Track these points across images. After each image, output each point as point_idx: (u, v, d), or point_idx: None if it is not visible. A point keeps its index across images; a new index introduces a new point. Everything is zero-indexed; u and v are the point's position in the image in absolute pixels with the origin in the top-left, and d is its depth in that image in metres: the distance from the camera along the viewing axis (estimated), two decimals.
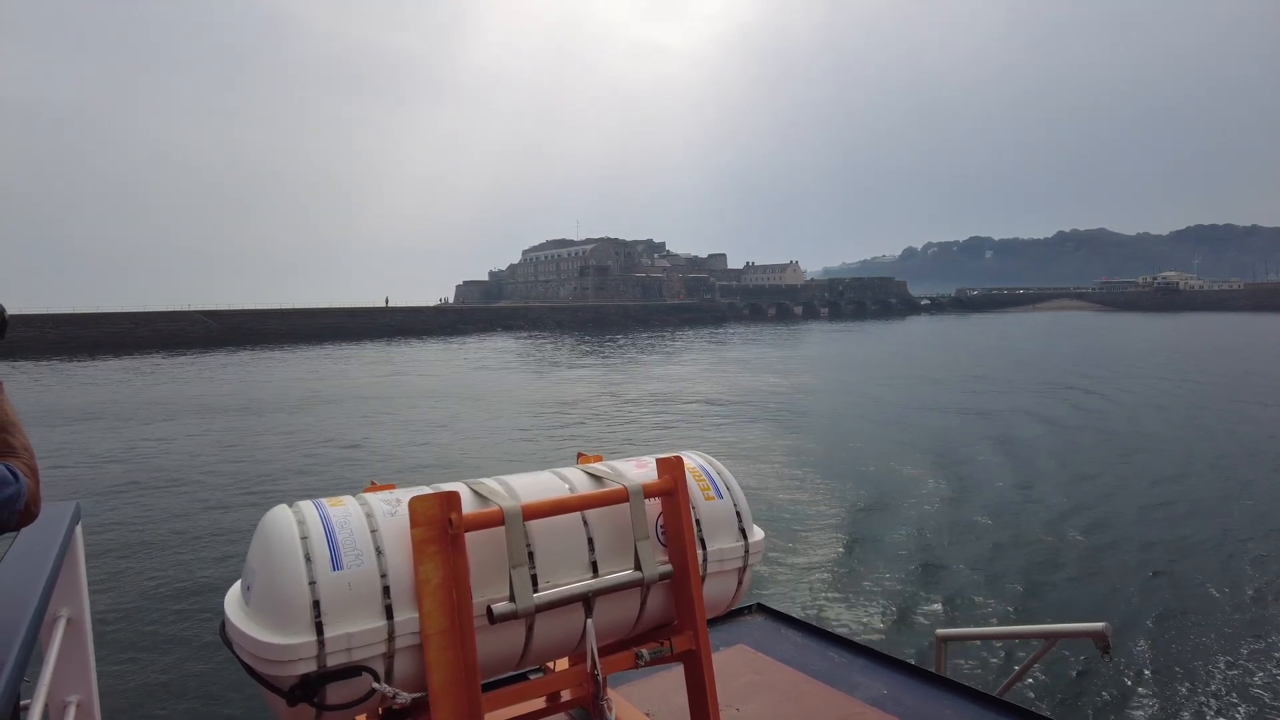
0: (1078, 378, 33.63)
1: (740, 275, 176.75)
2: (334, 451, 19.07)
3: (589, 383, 34.85)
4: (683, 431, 21.63)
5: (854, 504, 13.30)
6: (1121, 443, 18.89)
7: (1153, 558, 10.51)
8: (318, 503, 1.82)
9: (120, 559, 10.74)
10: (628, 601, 2.01)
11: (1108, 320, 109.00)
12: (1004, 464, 16.67)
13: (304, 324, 77.80)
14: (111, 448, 19.67)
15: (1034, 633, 4.25)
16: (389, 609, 1.66)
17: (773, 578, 9.60)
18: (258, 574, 1.70)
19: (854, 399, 28.21)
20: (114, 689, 6.82)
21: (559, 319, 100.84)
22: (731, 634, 3.54)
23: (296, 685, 1.58)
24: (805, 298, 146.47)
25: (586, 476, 2.12)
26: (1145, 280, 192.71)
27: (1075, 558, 10.57)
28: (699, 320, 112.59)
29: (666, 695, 2.83)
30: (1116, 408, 25.00)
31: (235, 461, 17.85)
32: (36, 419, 24.51)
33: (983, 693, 2.98)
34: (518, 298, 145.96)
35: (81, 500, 2.44)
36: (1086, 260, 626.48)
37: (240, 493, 14.70)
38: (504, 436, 21.19)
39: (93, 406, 27.71)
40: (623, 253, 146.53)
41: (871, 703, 2.89)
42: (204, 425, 23.19)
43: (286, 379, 38.29)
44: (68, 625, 1.84)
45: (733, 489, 2.27)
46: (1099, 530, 11.78)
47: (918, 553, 10.75)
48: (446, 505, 1.71)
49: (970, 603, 9.03)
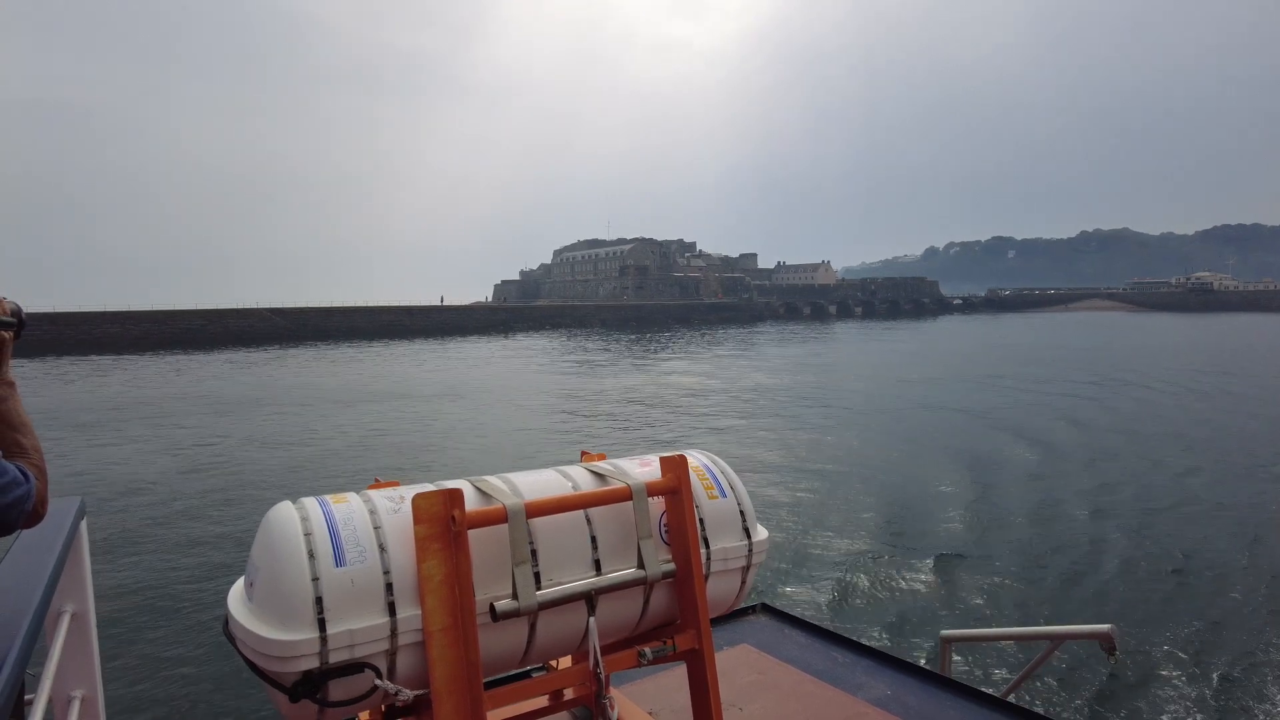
0: (1144, 376, 34.07)
1: (771, 275, 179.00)
2: (407, 441, 19.99)
3: (690, 374, 36.80)
4: (773, 425, 23.41)
5: (866, 506, 13.14)
6: (1157, 442, 18.68)
7: (1166, 558, 10.36)
8: (321, 499, 1.83)
9: (129, 552, 10.78)
10: (631, 600, 2.02)
11: (1144, 320, 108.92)
12: (1038, 461, 16.57)
13: (365, 321, 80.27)
14: (321, 428, 21.88)
15: (1039, 634, 4.27)
16: (392, 606, 1.68)
17: (777, 577, 9.55)
18: (261, 570, 1.71)
19: (948, 396, 29.41)
20: (118, 683, 6.86)
21: (603, 318, 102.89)
22: (735, 633, 3.54)
23: (299, 681, 1.60)
24: (839, 297, 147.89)
25: (590, 475, 2.13)
26: (1178, 281, 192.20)
27: (1085, 558, 10.44)
28: (736, 319, 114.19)
29: (669, 694, 2.82)
30: (1156, 407, 24.83)
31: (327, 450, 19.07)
32: (233, 406, 26.83)
33: (987, 694, 2.97)
34: (555, 296, 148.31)
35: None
36: (1110, 260, 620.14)
37: (325, 477, 15.78)
38: (617, 429, 23.09)
39: (254, 393, 30.05)
40: (658, 253, 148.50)
41: (875, 703, 2.88)
42: (346, 412, 25.34)
43: (386, 373, 40.29)
44: (72, 620, 1.83)
45: (736, 488, 2.28)
46: (1114, 531, 11.66)
47: (924, 553, 10.60)
48: (450, 502, 1.72)
49: (976, 604, 8.94)
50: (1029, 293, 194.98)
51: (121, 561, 10.40)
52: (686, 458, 2.13)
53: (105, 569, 9.93)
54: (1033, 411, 23.80)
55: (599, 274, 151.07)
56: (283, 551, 1.66)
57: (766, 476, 15.24)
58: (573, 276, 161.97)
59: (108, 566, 10.07)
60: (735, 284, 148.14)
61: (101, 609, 2.23)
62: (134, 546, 11.13)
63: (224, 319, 74.59)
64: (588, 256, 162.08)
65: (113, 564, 10.24)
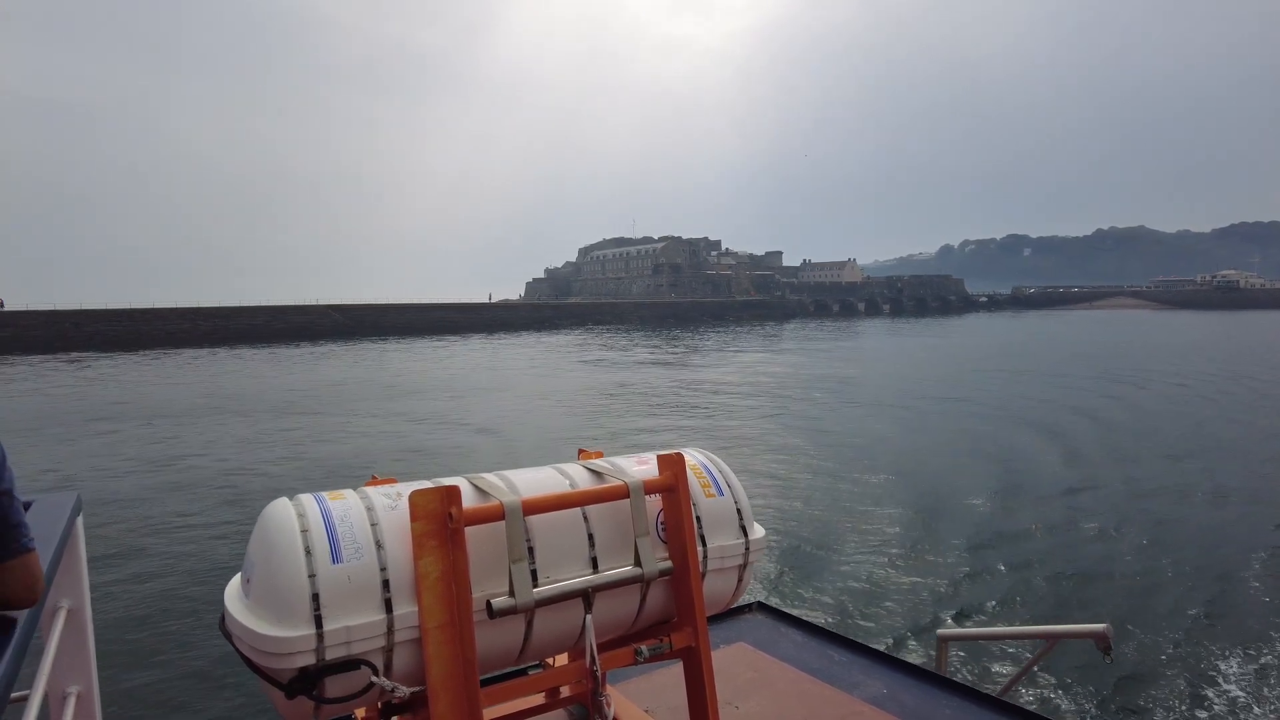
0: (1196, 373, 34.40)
1: (798, 273, 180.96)
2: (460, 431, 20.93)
3: (775, 364, 38.82)
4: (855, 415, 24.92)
5: (876, 503, 13.04)
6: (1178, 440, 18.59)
7: (1164, 557, 10.36)
8: (318, 496, 1.83)
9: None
10: (627, 598, 2.02)
11: (1173, 318, 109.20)
12: (1058, 460, 16.48)
13: (418, 318, 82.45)
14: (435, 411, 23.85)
15: (1035, 633, 4.29)
16: (388, 603, 1.68)
17: (774, 576, 9.54)
18: (257, 566, 1.71)
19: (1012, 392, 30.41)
20: (114, 680, 6.80)
21: (642, 314, 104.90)
22: (731, 632, 3.54)
23: (295, 678, 1.60)
24: (867, 295, 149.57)
25: (587, 472, 2.13)
26: (1204, 278, 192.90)
27: (1082, 557, 10.45)
28: (769, 316, 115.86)
29: (666, 692, 2.81)
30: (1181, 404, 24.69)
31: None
32: (360, 395, 28.82)
33: (983, 693, 2.99)
34: (587, 294, 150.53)
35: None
36: (1126, 258, 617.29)
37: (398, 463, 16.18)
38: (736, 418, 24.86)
39: (407, 380, 32.18)
40: (687, 251, 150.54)
41: (871, 702, 2.89)
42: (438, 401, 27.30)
43: (465, 366, 42.31)
44: (68, 616, 1.80)
45: (734, 486, 2.28)
46: (1116, 529, 11.64)
47: (920, 552, 10.58)
48: (447, 499, 1.72)
49: (972, 603, 8.95)
50: (1053, 290, 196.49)
51: (132, 557, 10.42)
52: (684, 456, 2.16)
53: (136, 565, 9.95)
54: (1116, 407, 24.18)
55: (631, 272, 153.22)
56: (279, 548, 1.67)
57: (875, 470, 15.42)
58: (604, 274, 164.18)
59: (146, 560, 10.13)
60: (767, 282, 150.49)
61: (98, 605, 2.13)
62: (149, 540, 11.14)
63: (286, 315, 76.90)
64: (619, 255, 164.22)
65: (127, 559, 10.30)
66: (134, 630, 8.06)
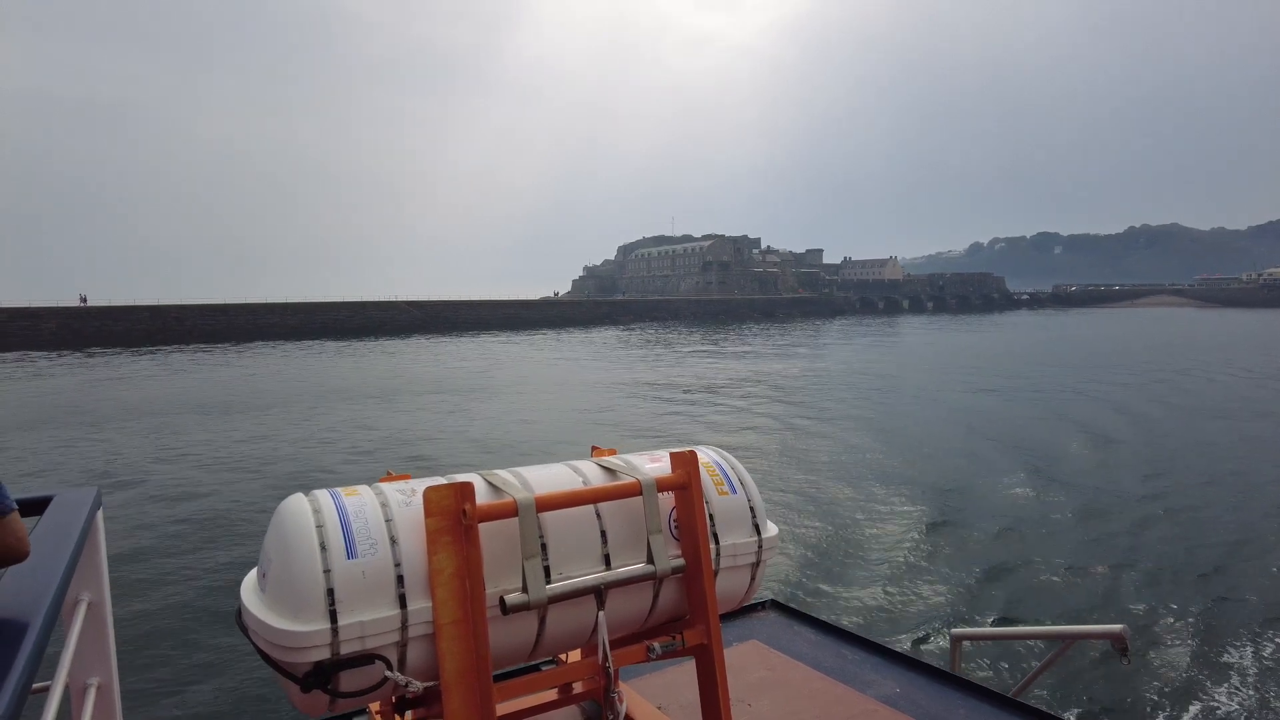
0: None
1: (839, 270, 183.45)
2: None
3: (865, 358, 40.99)
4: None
5: (885, 501, 12.88)
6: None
7: (1185, 558, 10.15)
8: (333, 491, 1.84)
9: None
10: (640, 595, 2.02)
11: (1221, 316, 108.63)
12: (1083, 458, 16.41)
13: (490, 314, 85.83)
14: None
15: (1051, 634, 4.22)
16: (402, 598, 1.69)
17: (787, 574, 9.44)
18: (273, 562, 1.73)
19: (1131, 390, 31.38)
20: (133, 672, 6.91)
21: (692, 311, 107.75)
22: (744, 629, 3.54)
23: (310, 672, 1.62)
24: (911, 292, 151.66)
25: (600, 469, 2.14)
26: (1250, 276, 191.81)
27: (1102, 557, 10.23)
28: (816, 313, 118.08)
29: (678, 689, 2.81)
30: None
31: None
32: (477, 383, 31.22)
33: (997, 693, 2.94)
34: (633, 291, 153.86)
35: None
36: (1160, 256, 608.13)
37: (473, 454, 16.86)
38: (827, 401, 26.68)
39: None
40: (732, 248, 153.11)
41: (885, 701, 2.87)
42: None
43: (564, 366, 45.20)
44: (89, 609, 1.82)
45: (746, 484, 2.28)
46: (1134, 527, 11.49)
47: (935, 550, 10.48)
48: (461, 496, 1.72)
49: (987, 602, 8.81)
50: (1094, 289, 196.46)
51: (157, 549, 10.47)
52: (697, 454, 2.17)
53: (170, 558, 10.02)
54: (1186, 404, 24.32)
55: (677, 270, 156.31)
56: (295, 543, 1.69)
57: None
58: (649, 272, 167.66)
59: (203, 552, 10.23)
60: (812, 279, 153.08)
61: (118, 599, 2.17)
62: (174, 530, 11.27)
63: (366, 311, 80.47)
64: (664, 253, 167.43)
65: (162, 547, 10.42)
66: (152, 623, 8.14)
